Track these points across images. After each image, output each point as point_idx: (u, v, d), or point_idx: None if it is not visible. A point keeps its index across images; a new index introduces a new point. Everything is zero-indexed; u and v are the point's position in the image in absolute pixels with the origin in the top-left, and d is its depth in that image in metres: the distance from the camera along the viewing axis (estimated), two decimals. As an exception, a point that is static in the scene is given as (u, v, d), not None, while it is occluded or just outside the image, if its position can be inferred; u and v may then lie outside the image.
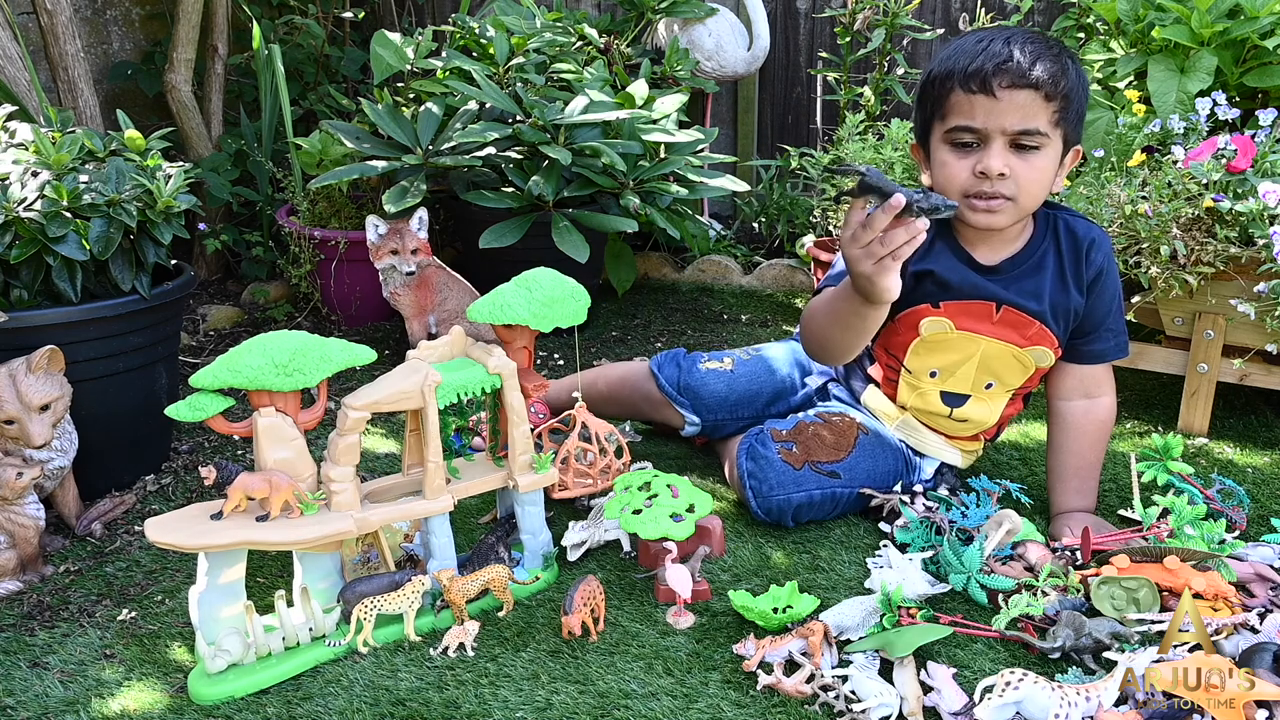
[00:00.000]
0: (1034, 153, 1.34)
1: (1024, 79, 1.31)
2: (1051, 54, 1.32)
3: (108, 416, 1.63)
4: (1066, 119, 1.34)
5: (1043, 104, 1.31)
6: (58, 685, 1.21)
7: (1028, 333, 1.45)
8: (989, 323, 1.46)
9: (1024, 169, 1.34)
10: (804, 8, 3.28)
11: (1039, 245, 1.46)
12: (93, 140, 1.66)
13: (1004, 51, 1.32)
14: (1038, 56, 1.31)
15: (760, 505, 1.49)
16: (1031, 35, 1.36)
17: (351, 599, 1.25)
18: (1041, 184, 1.37)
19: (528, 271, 1.42)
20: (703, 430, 1.72)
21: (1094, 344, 1.49)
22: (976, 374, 1.50)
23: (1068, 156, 1.39)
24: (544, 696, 1.16)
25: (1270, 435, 1.86)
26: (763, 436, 1.52)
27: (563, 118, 2.22)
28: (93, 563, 1.49)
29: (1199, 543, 1.34)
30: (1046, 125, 1.33)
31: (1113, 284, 1.48)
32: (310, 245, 2.41)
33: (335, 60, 3.05)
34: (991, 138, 1.34)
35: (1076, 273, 1.45)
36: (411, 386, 1.27)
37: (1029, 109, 1.32)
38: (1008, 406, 1.54)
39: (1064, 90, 1.32)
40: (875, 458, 1.55)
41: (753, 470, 1.50)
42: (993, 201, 1.36)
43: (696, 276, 2.92)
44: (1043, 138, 1.33)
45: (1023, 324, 1.45)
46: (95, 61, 2.83)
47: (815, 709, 1.13)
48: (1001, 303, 1.44)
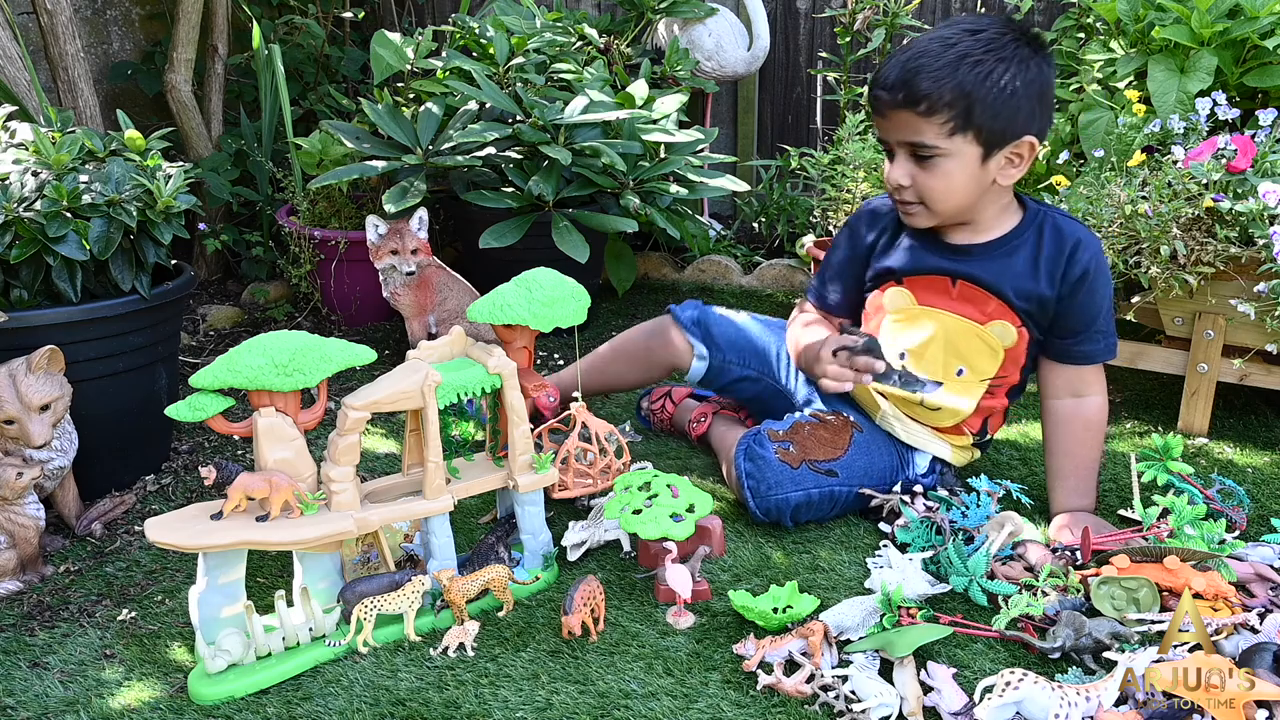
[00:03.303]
0: (934, 161, 1.38)
1: (896, 100, 1.36)
2: (936, 65, 1.33)
3: (108, 416, 1.63)
4: (970, 123, 1.35)
5: (924, 120, 1.35)
6: (58, 685, 1.21)
7: (986, 308, 1.47)
8: (948, 297, 1.49)
9: (925, 178, 1.40)
10: (804, 8, 3.28)
11: (1017, 236, 1.47)
12: (93, 140, 1.66)
13: (888, 71, 1.38)
14: (913, 72, 1.34)
15: (759, 505, 1.49)
16: (934, 40, 1.36)
17: (351, 599, 1.25)
18: (949, 190, 1.40)
19: (528, 271, 1.42)
20: (709, 369, 1.73)
21: (1083, 344, 1.49)
22: (945, 356, 1.51)
23: (1003, 151, 1.38)
24: (544, 696, 1.16)
25: (1270, 435, 1.86)
26: (760, 437, 1.53)
27: (563, 118, 2.22)
28: (93, 563, 1.49)
29: (1199, 543, 1.35)
30: (935, 138, 1.36)
31: (1103, 286, 1.48)
32: (310, 245, 2.41)
33: (335, 60, 3.05)
34: (894, 150, 1.42)
35: (1052, 268, 1.45)
36: (411, 386, 1.27)
37: (910, 125, 1.37)
38: (986, 398, 1.53)
39: (948, 100, 1.33)
40: (871, 455, 1.55)
41: (750, 470, 1.50)
42: (906, 206, 1.45)
43: (696, 276, 2.92)
44: (935, 149, 1.37)
45: (980, 298, 1.47)
46: (95, 61, 2.83)
47: (815, 709, 1.13)
48: (957, 276, 1.47)
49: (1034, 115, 1.37)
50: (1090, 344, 1.49)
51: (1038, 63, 1.36)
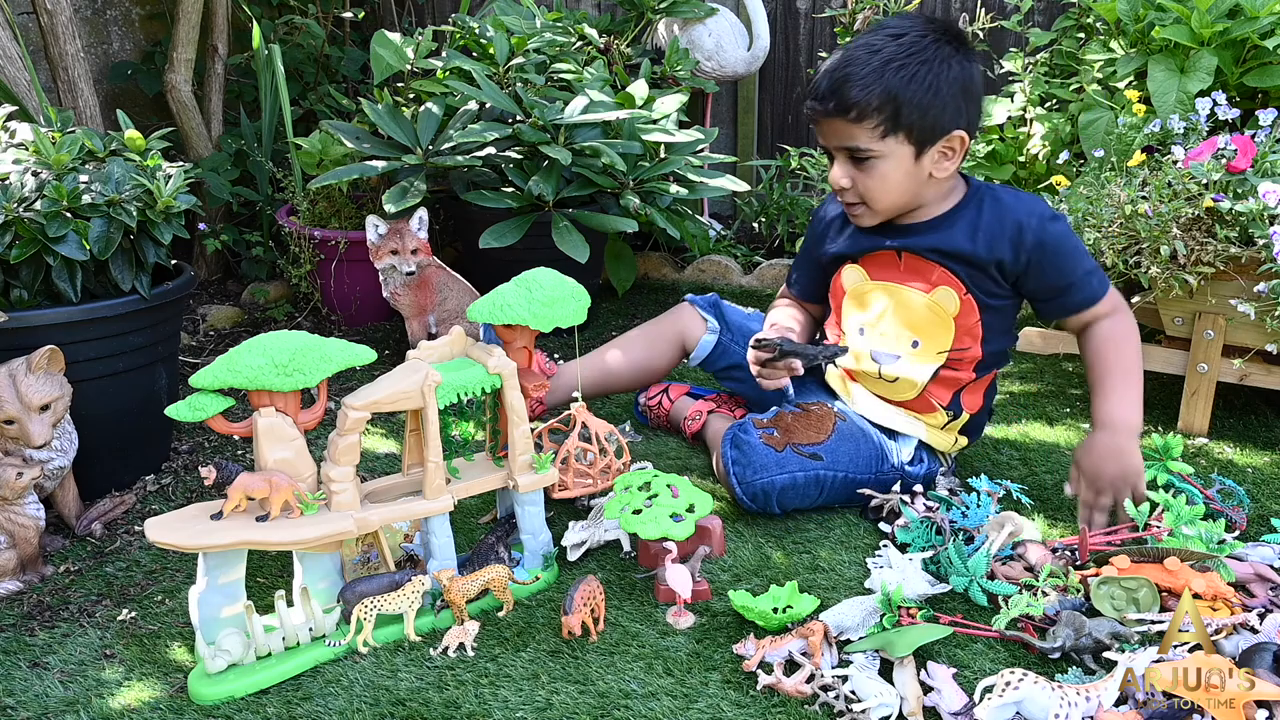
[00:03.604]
0: (870, 163, 1.46)
1: (828, 109, 1.44)
2: (862, 72, 1.40)
3: (108, 416, 1.63)
4: (899, 125, 1.41)
5: (855, 126, 1.43)
6: (58, 685, 1.21)
7: (931, 277, 1.53)
8: (896, 270, 1.56)
9: (864, 178, 1.48)
10: (804, 8, 3.28)
11: (956, 211, 1.52)
12: (93, 140, 1.66)
13: (819, 81, 1.46)
14: (841, 81, 1.42)
15: (745, 491, 1.50)
16: (860, 48, 1.43)
17: (351, 599, 1.25)
18: (886, 188, 1.47)
19: (528, 271, 1.42)
20: (718, 343, 1.79)
21: (1073, 295, 1.51)
22: (898, 328, 1.55)
23: (935, 147, 1.44)
24: (544, 696, 1.16)
25: (1270, 435, 1.86)
26: (744, 425, 1.56)
27: (563, 118, 2.23)
28: (93, 563, 1.49)
29: (1198, 543, 1.35)
30: (869, 141, 1.43)
31: (1065, 244, 1.49)
32: (310, 245, 2.41)
33: (335, 60, 3.05)
34: (834, 154, 1.50)
35: (992, 235, 1.49)
36: (411, 386, 1.27)
37: (844, 132, 1.45)
38: (947, 370, 1.55)
39: (876, 105, 1.40)
40: (856, 441, 1.57)
41: (736, 457, 1.52)
42: (851, 206, 1.53)
43: (696, 276, 2.92)
44: (869, 152, 1.44)
45: (925, 268, 1.53)
46: (95, 61, 2.83)
47: (815, 709, 1.13)
48: (903, 250, 1.54)
49: (960, 111, 1.44)
50: (1080, 292, 1.51)
51: (959, 60, 1.43)
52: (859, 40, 1.46)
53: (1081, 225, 1.79)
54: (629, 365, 1.84)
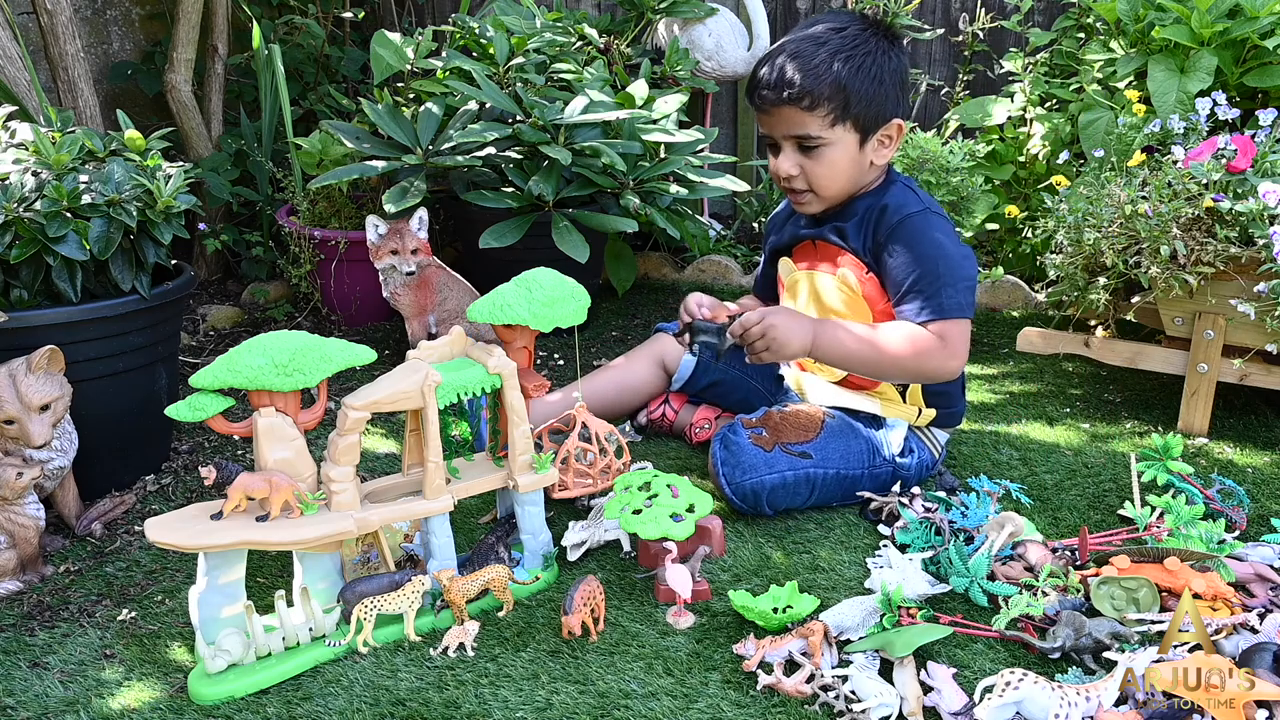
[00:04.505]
0: (819, 150, 1.51)
1: (780, 98, 1.49)
2: (812, 63, 1.46)
3: (108, 416, 1.63)
4: (848, 113, 1.48)
5: (807, 114, 1.48)
6: (58, 685, 1.21)
7: (839, 259, 1.60)
8: (814, 256, 1.64)
9: (812, 165, 1.53)
10: (804, 8, 3.28)
11: (860, 199, 1.58)
12: (93, 140, 1.66)
13: (763, 71, 1.51)
14: (793, 71, 1.47)
15: (734, 491, 1.51)
16: (805, 40, 1.49)
17: (351, 599, 1.25)
18: (834, 175, 1.53)
19: (528, 271, 1.42)
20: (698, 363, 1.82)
21: (903, 303, 1.51)
22: (818, 309, 1.62)
23: (876, 135, 1.51)
24: (544, 696, 1.16)
25: (1270, 435, 1.86)
26: (734, 426, 1.57)
27: (563, 118, 2.22)
28: (93, 563, 1.49)
29: (1197, 542, 1.35)
30: (819, 128, 1.49)
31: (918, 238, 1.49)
32: (310, 245, 2.41)
33: (335, 60, 3.05)
34: (780, 144, 1.55)
35: (868, 227, 1.55)
36: (411, 386, 1.27)
37: (795, 120, 1.50)
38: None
39: (827, 94, 1.46)
40: (845, 438, 1.58)
41: (725, 457, 1.53)
42: (797, 195, 1.58)
43: (696, 276, 2.92)
44: (819, 139, 1.50)
45: (833, 251, 1.60)
46: (95, 61, 2.83)
47: (815, 709, 1.13)
48: (816, 238, 1.62)
49: (898, 100, 1.53)
50: (908, 303, 1.50)
51: (895, 53, 1.51)
52: (799, 34, 1.52)
53: (1081, 225, 1.79)
54: (617, 389, 1.86)
